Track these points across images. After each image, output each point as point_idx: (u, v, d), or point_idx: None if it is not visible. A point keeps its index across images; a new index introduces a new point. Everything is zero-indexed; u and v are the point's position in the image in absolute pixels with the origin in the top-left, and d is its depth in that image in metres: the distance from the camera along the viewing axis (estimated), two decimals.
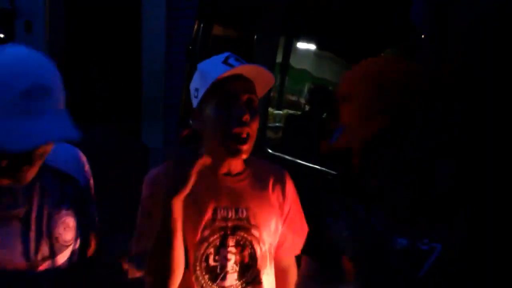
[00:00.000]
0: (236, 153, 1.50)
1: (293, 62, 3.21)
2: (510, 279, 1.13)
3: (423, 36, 1.85)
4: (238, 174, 1.59)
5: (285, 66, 3.20)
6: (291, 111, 3.32)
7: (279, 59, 3.10)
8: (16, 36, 7.02)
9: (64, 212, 1.34)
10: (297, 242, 1.63)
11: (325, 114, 3.14)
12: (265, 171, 1.66)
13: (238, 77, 1.50)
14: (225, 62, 1.51)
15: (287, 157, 2.81)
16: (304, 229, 1.64)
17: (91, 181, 1.49)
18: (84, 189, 1.44)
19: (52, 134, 1.14)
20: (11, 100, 1.11)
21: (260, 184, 1.62)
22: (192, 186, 1.50)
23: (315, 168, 2.56)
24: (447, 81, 1.35)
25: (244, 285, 1.57)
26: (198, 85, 1.54)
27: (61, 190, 1.36)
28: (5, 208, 1.24)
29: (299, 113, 3.40)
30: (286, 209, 1.66)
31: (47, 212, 1.31)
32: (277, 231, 1.63)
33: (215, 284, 1.54)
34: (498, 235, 1.15)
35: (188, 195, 1.48)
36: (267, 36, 3.12)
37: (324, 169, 2.47)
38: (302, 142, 3.03)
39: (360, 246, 1.13)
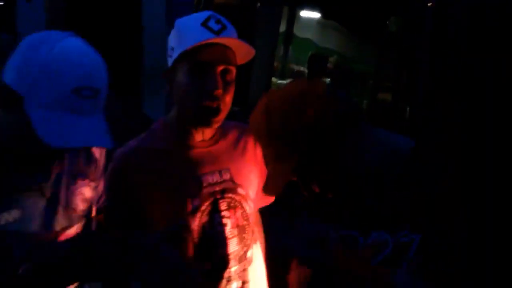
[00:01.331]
0: (207, 124, 1.45)
1: (297, 31, 3.18)
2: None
3: (429, 4, 1.82)
4: (212, 137, 1.54)
5: (289, 36, 3.16)
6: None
7: (282, 28, 3.07)
8: (17, 4, 6.94)
9: (80, 182, 1.35)
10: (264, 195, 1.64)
11: (328, 82, 3.13)
12: (234, 130, 1.62)
13: (215, 45, 1.39)
14: (204, 24, 1.40)
15: None
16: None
17: (104, 155, 1.47)
18: (99, 162, 1.44)
19: (92, 139, 1.15)
20: (62, 94, 1.11)
21: (233, 143, 1.59)
22: (170, 159, 1.48)
23: None
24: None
25: (245, 248, 1.55)
26: (173, 43, 1.45)
27: (77, 161, 1.36)
28: (25, 178, 1.24)
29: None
30: (259, 163, 1.62)
31: (65, 183, 1.32)
32: (257, 185, 1.61)
33: (217, 253, 1.50)
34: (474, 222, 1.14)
35: (169, 169, 1.47)
36: (270, 4, 3.08)
37: None
38: None
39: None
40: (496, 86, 1.49)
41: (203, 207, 1.48)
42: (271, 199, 1.70)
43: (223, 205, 1.50)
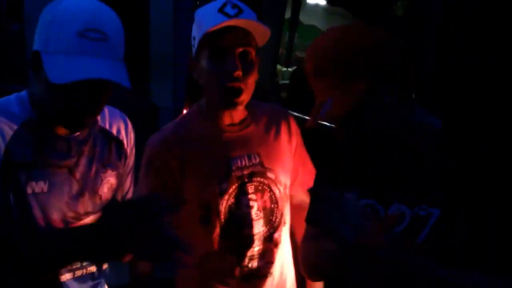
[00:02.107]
0: (232, 105, 1.50)
1: (303, 18, 3.17)
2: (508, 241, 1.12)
3: None
4: (241, 121, 1.59)
5: (294, 22, 3.15)
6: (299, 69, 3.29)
7: (287, 15, 3.06)
8: None
9: (109, 172, 1.41)
10: (307, 176, 1.67)
11: None
12: (267, 113, 1.66)
13: (233, 28, 1.44)
14: (221, 10, 1.45)
15: (298, 114, 2.80)
16: (311, 164, 1.68)
17: (133, 149, 1.52)
18: (128, 155, 1.49)
19: (103, 72, 1.17)
20: (69, 39, 1.16)
21: (265, 126, 1.62)
22: (202, 143, 1.53)
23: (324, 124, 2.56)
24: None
25: (271, 230, 1.60)
26: (194, 33, 1.50)
27: (109, 152, 1.42)
28: (59, 156, 1.29)
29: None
30: (293, 145, 1.67)
31: (95, 169, 1.37)
32: (289, 170, 1.65)
33: (242, 233, 1.56)
34: (497, 200, 1.14)
35: (200, 153, 1.52)
36: None
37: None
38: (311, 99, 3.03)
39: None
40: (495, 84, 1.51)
41: (231, 190, 1.55)
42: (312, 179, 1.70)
43: (250, 188, 1.56)
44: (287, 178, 1.65)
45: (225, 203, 1.54)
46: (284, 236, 1.65)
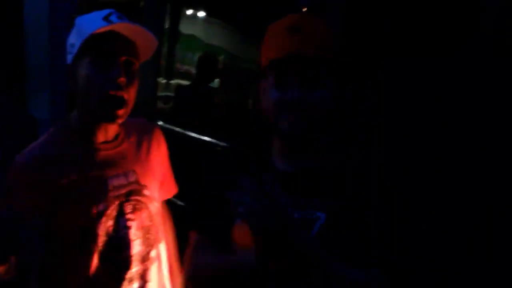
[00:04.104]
0: (112, 118, 1.42)
1: (181, 28, 3.21)
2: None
3: (303, 9, 1.96)
4: (115, 138, 1.52)
5: (174, 33, 3.18)
6: (181, 81, 3.31)
7: (167, 25, 3.08)
8: None
9: None
10: (169, 187, 1.71)
11: (214, 82, 3.19)
12: (137, 128, 1.60)
13: (118, 36, 1.39)
14: (106, 18, 1.39)
15: (178, 129, 2.82)
16: (172, 174, 1.70)
17: None
18: None
19: None
20: None
21: (137, 142, 1.58)
22: (74, 163, 1.45)
23: (205, 140, 2.62)
24: None
25: (148, 248, 1.56)
26: (73, 39, 1.42)
27: None
28: None
29: (189, 82, 3.42)
30: (162, 157, 1.65)
31: None
32: (158, 183, 1.63)
33: (121, 255, 1.50)
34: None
35: (73, 173, 1.43)
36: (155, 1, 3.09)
37: (214, 141, 2.52)
38: (193, 114, 3.07)
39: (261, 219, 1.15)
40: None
41: (108, 211, 1.47)
42: (174, 193, 1.72)
43: (128, 208, 1.50)
44: (157, 192, 1.62)
45: (103, 226, 1.46)
46: (160, 252, 1.64)
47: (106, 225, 1.47)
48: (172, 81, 3.28)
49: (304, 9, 1.92)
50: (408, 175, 1.30)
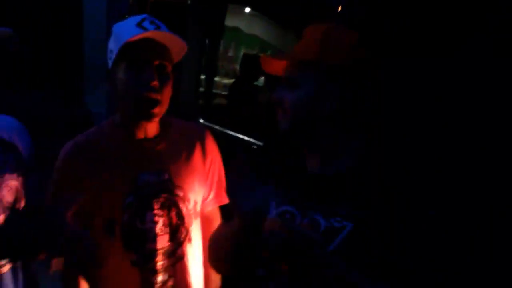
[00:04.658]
0: (147, 116, 1.52)
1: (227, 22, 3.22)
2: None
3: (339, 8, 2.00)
4: (154, 137, 1.61)
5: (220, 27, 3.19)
6: (224, 79, 3.31)
7: (211, 21, 3.11)
8: None
9: (7, 176, 1.42)
10: (220, 194, 1.73)
11: (259, 80, 3.19)
12: (181, 131, 1.68)
13: (151, 42, 1.49)
14: (139, 25, 1.50)
15: (217, 127, 2.82)
16: (224, 180, 1.70)
17: (33, 151, 1.55)
18: (25, 157, 1.51)
19: None
20: None
21: (179, 144, 1.65)
22: (113, 156, 1.57)
23: (243, 139, 2.63)
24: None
25: (176, 246, 1.63)
26: (112, 46, 1.54)
27: (4, 157, 1.44)
28: None
29: (232, 80, 3.38)
30: (208, 162, 1.70)
31: None
32: (201, 188, 1.68)
33: (146, 247, 1.58)
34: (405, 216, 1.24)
35: (110, 165, 1.56)
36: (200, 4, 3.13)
37: (252, 140, 2.52)
38: (234, 112, 3.08)
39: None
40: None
41: (137, 204, 1.56)
42: (225, 201, 1.73)
43: (156, 204, 1.58)
44: (197, 195, 1.67)
45: (129, 217, 1.56)
46: (188, 252, 1.67)
47: (134, 216, 1.58)
48: (215, 78, 3.29)
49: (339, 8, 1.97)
50: (409, 176, 1.31)
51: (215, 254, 1.46)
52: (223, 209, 1.78)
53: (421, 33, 1.78)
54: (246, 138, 2.51)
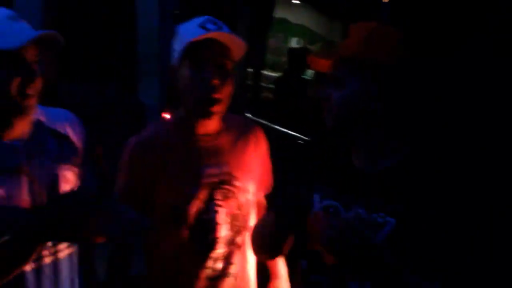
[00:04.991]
0: (207, 114, 1.61)
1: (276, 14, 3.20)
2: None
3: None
4: (215, 132, 1.69)
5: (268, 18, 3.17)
6: (272, 72, 3.29)
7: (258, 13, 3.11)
8: None
9: (63, 166, 1.47)
10: (266, 183, 1.83)
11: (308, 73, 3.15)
12: (238, 126, 1.77)
13: (212, 42, 1.56)
14: (202, 25, 1.58)
15: (264, 122, 2.77)
16: (271, 172, 1.83)
17: (86, 142, 1.60)
18: (79, 149, 1.56)
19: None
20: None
21: (235, 138, 1.74)
22: (177, 150, 1.66)
23: (290, 133, 2.63)
24: None
25: (235, 234, 1.71)
26: (176, 45, 1.63)
27: (59, 148, 1.49)
28: (8, 162, 1.38)
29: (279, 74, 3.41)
30: (259, 156, 1.80)
31: (48, 166, 1.44)
32: (255, 179, 1.77)
33: (208, 236, 1.67)
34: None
35: (175, 158, 1.65)
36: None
37: (298, 135, 2.52)
38: (281, 106, 3.07)
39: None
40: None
41: (200, 195, 1.65)
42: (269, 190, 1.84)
43: (218, 195, 1.67)
44: (253, 185, 1.75)
45: (194, 207, 1.65)
46: (246, 240, 1.74)
47: (197, 206, 1.66)
48: (263, 72, 3.28)
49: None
50: (453, 173, 1.30)
51: (255, 242, 1.55)
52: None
53: (420, 33, 1.77)
54: (292, 133, 2.51)
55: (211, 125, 1.68)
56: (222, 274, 1.70)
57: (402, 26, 1.81)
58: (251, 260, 1.80)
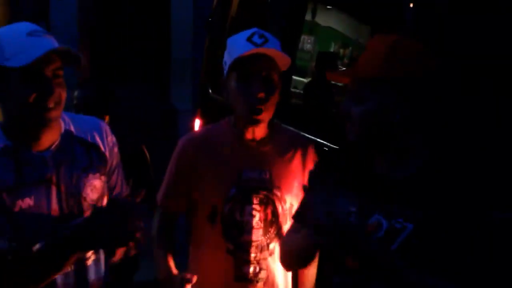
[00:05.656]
0: (253, 122, 1.69)
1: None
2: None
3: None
4: (261, 139, 1.76)
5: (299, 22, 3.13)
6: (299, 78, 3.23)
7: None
8: None
9: (91, 175, 1.51)
10: None
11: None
12: (288, 138, 1.83)
13: (259, 55, 1.65)
14: (249, 39, 1.66)
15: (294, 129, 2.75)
16: None
17: (115, 149, 1.63)
18: (108, 157, 1.59)
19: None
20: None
21: (283, 150, 1.79)
22: (223, 151, 1.75)
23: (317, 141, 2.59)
24: None
25: (268, 240, 1.76)
26: (226, 58, 1.72)
27: (88, 157, 1.53)
28: (38, 172, 1.43)
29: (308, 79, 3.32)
30: (305, 173, 1.80)
31: (76, 176, 1.48)
32: (298, 192, 1.78)
33: (241, 238, 1.73)
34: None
35: (220, 159, 1.74)
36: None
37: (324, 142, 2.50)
38: (308, 113, 3.06)
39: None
40: None
41: (238, 197, 1.72)
42: None
43: (256, 199, 1.73)
44: (293, 199, 1.77)
45: (230, 207, 1.71)
46: (278, 248, 1.76)
47: (234, 208, 1.73)
48: (293, 77, 3.25)
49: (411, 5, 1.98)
50: (472, 180, 1.30)
51: (283, 252, 1.57)
52: None
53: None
54: (320, 140, 2.49)
55: (257, 132, 1.74)
56: (252, 278, 1.75)
57: (426, 31, 1.83)
58: (281, 268, 1.78)
